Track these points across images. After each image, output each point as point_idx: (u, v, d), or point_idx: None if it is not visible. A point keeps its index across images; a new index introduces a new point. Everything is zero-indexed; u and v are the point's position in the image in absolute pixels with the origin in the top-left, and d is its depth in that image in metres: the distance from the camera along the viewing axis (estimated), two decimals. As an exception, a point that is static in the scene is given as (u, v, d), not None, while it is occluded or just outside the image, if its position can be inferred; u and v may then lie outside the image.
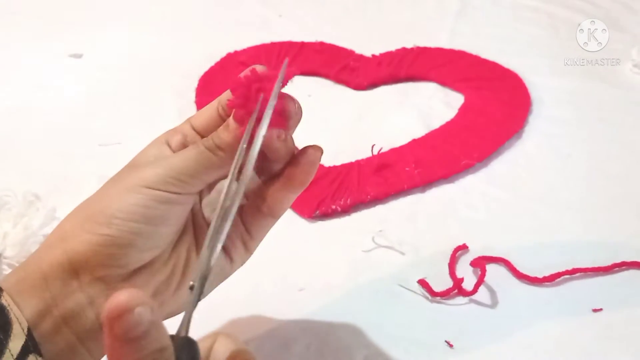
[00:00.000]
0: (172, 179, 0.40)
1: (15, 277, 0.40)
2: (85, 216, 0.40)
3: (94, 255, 0.39)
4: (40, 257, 0.40)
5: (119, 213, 0.39)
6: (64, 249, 0.39)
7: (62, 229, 0.41)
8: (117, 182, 0.42)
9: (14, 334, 0.37)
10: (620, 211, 0.64)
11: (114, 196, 0.40)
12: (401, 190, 0.66)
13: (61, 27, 0.94)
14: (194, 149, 0.41)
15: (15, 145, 0.73)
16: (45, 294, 0.39)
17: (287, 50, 0.87)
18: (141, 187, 0.40)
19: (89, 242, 0.39)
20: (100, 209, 0.40)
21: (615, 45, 0.88)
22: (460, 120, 0.75)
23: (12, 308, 0.38)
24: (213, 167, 0.41)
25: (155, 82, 0.83)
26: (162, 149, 0.43)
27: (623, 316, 0.53)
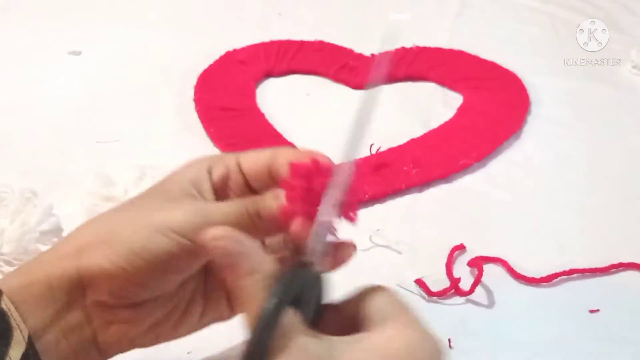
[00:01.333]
0: (199, 225, 0.38)
1: (18, 282, 0.38)
2: (106, 239, 0.39)
3: (106, 282, 0.38)
4: (49, 265, 0.39)
5: (142, 252, 0.38)
6: (77, 265, 0.38)
7: (78, 243, 0.39)
8: (145, 212, 0.40)
9: (14, 341, 0.36)
10: (618, 212, 0.64)
11: (138, 229, 0.38)
12: (399, 190, 0.66)
13: (60, 25, 0.94)
14: (234, 207, 0.39)
15: (13, 142, 0.73)
16: (51, 305, 0.38)
17: (286, 49, 0.87)
18: (170, 230, 0.38)
19: (104, 269, 0.38)
20: (123, 238, 0.38)
21: (615, 46, 0.88)
22: (459, 120, 0.75)
23: (13, 314, 0.37)
24: (246, 231, 0.39)
25: (154, 80, 0.83)
26: (202, 176, 0.41)
27: (620, 317, 0.53)
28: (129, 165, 0.64)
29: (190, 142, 0.73)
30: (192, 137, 0.74)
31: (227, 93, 0.80)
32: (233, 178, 0.42)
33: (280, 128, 0.74)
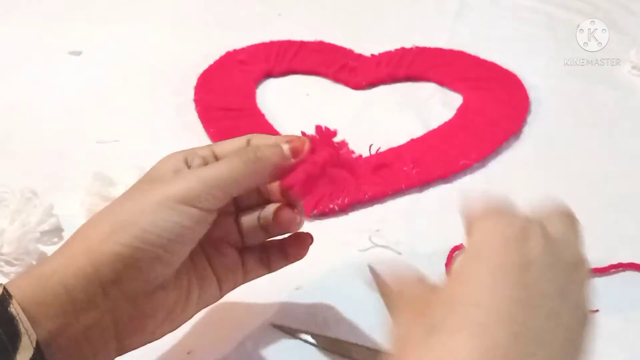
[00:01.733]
0: (205, 194, 0.40)
1: (30, 286, 0.38)
2: (112, 227, 0.39)
3: (123, 267, 0.39)
4: (61, 266, 0.39)
5: (153, 227, 0.39)
6: (90, 259, 0.39)
7: (85, 239, 0.40)
8: (143, 195, 0.41)
9: (22, 347, 0.36)
10: (617, 212, 0.64)
11: (146, 209, 0.40)
12: (399, 190, 0.66)
13: (61, 25, 0.94)
14: (227, 162, 0.42)
15: (13, 142, 0.73)
16: (67, 306, 0.38)
17: (286, 49, 0.87)
18: (175, 202, 0.40)
19: (118, 253, 0.39)
20: (130, 220, 0.39)
21: (614, 46, 0.88)
22: (459, 120, 0.75)
23: (22, 318, 0.37)
24: (245, 180, 0.42)
25: (154, 80, 0.83)
26: (181, 166, 0.43)
27: (619, 317, 0.53)
28: (129, 166, 0.64)
29: (190, 142, 0.71)
30: (192, 137, 0.74)
31: (227, 93, 0.80)
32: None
33: (280, 128, 0.74)
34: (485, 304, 0.32)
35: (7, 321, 0.36)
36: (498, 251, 0.35)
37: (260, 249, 0.48)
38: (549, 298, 0.34)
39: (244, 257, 0.47)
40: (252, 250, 0.48)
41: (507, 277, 0.33)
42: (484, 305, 0.32)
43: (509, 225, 0.36)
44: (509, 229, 0.36)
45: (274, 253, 0.48)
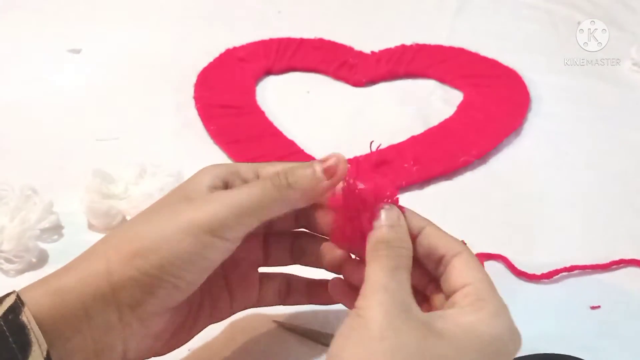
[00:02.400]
0: (233, 222, 0.39)
1: (48, 300, 0.38)
2: (135, 250, 0.38)
3: (142, 294, 0.38)
4: (80, 283, 0.38)
5: (175, 259, 0.38)
6: (110, 282, 0.38)
7: (106, 257, 0.39)
8: (170, 215, 0.40)
9: (32, 356, 0.36)
10: (618, 208, 0.64)
11: (171, 237, 0.38)
12: (399, 187, 0.66)
13: (60, 22, 0.94)
14: (258, 186, 0.40)
15: (13, 140, 0.73)
16: (84, 325, 0.38)
17: (285, 46, 0.87)
18: (200, 231, 0.38)
19: (138, 280, 0.38)
20: (153, 247, 0.38)
21: (615, 43, 0.88)
22: (459, 117, 0.75)
23: (33, 327, 0.36)
24: (277, 206, 0.41)
25: (153, 77, 0.83)
26: (218, 184, 0.42)
27: (621, 313, 0.53)
28: (129, 163, 0.64)
29: (190, 140, 0.73)
30: (192, 134, 0.74)
31: (227, 90, 0.80)
32: None
33: (280, 125, 0.74)
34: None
35: (18, 329, 0.36)
36: None
37: (281, 279, 0.48)
38: None
39: (262, 281, 0.47)
40: (272, 278, 0.47)
41: None
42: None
43: None
44: None
45: (296, 290, 0.48)
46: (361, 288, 0.37)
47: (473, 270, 0.39)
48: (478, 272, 0.39)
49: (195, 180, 0.42)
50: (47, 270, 0.57)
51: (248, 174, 0.43)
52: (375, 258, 0.38)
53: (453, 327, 0.36)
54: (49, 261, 0.58)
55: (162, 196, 0.43)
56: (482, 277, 0.39)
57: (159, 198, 0.44)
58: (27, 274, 0.57)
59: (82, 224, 0.61)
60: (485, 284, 0.38)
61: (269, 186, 0.40)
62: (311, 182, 0.41)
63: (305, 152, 0.70)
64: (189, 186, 0.42)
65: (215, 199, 0.40)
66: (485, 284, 0.38)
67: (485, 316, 0.36)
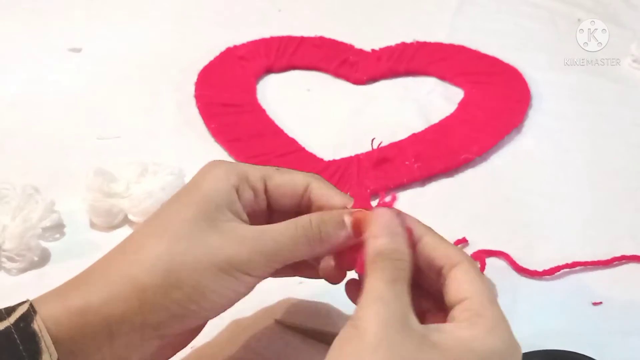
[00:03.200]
0: (264, 265, 0.40)
1: (68, 321, 0.38)
2: (173, 282, 0.39)
3: (170, 321, 0.39)
4: (107, 305, 0.38)
5: (211, 294, 0.39)
6: (141, 309, 0.38)
7: (137, 283, 0.39)
8: (202, 247, 0.40)
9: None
10: (620, 205, 0.64)
11: (205, 271, 0.39)
12: (401, 184, 0.66)
13: (60, 22, 0.94)
14: (292, 236, 0.41)
15: (15, 139, 0.73)
16: (106, 346, 0.38)
17: (286, 44, 0.87)
18: (234, 269, 0.40)
19: (171, 311, 0.39)
20: (189, 281, 0.39)
21: (615, 40, 0.88)
22: (460, 114, 0.75)
23: (44, 335, 0.36)
24: (303, 256, 0.42)
25: (154, 76, 0.83)
26: (233, 198, 0.42)
27: (623, 309, 0.53)
28: (130, 161, 0.64)
29: (191, 138, 0.73)
30: (193, 132, 0.74)
31: (228, 89, 0.80)
32: (259, 202, 0.44)
33: (281, 123, 0.74)
34: None
35: (28, 337, 0.36)
36: None
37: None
38: None
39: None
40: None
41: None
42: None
43: None
44: None
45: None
46: (359, 299, 0.37)
47: (472, 282, 0.38)
48: (477, 285, 0.38)
49: (214, 192, 0.42)
50: (48, 269, 0.58)
51: (256, 183, 0.44)
52: (373, 270, 0.38)
53: (449, 340, 0.36)
54: (51, 260, 0.59)
55: (173, 204, 0.42)
56: (481, 290, 0.38)
57: (167, 200, 0.43)
58: (29, 273, 0.57)
59: (84, 223, 0.61)
60: (483, 298, 0.38)
61: (301, 236, 0.41)
62: (342, 239, 0.42)
63: (306, 150, 0.70)
64: (207, 199, 0.41)
65: (248, 239, 0.41)
66: (483, 298, 0.38)
67: (480, 332, 0.36)
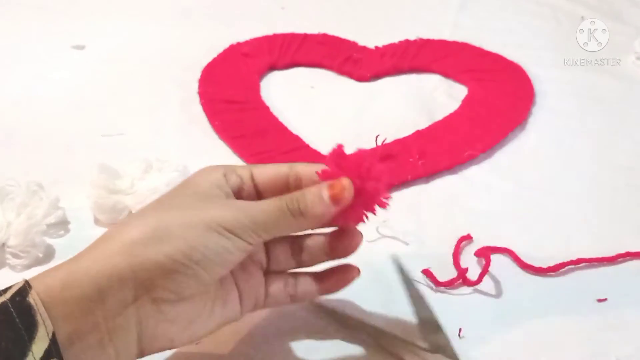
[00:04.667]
0: (251, 230, 0.42)
1: (59, 282, 0.38)
2: (158, 233, 0.40)
3: (162, 278, 0.39)
4: (95, 264, 0.39)
5: (200, 247, 0.40)
6: (130, 263, 0.39)
7: (125, 239, 0.40)
8: (192, 210, 0.42)
9: (38, 337, 0.36)
10: (624, 202, 0.64)
11: (195, 227, 0.40)
12: (405, 181, 0.66)
13: (64, 19, 0.94)
14: (276, 207, 0.43)
15: (19, 136, 0.73)
16: (98, 306, 0.38)
17: (289, 42, 0.87)
18: (223, 228, 0.41)
19: (159, 263, 0.39)
20: (178, 233, 0.40)
21: (618, 37, 0.88)
22: (464, 111, 0.75)
23: (40, 309, 0.37)
24: (289, 229, 0.44)
25: (158, 73, 0.83)
26: (223, 182, 0.44)
27: (628, 306, 0.53)
28: (135, 158, 0.64)
29: (195, 135, 0.73)
30: (197, 129, 0.74)
31: (232, 86, 0.80)
32: (246, 189, 0.46)
33: (285, 120, 0.74)
34: None
35: (24, 311, 0.37)
36: None
37: (288, 276, 0.49)
38: None
39: (268, 280, 0.48)
40: (278, 276, 0.48)
41: None
42: None
43: None
44: None
45: (304, 282, 0.49)
46: None
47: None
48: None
49: (199, 181, 0.44)
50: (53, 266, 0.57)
51: (243, 171, 0.46)
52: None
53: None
54: (56, 256, 0.59)
55: (168, 193, 0.45)
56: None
57: (164, 194, 0.45)
58: (33, 269, 0.57)
59: (89, 220, 0.61)
60: None
61: (284, 209, 0.43)
62: (321, 210, 0.43)
63: (311, 147, 0.70)
64: (195, 186, 0.44)
65: (235, 205, 0.43)
66: None
67: None
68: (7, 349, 0.36)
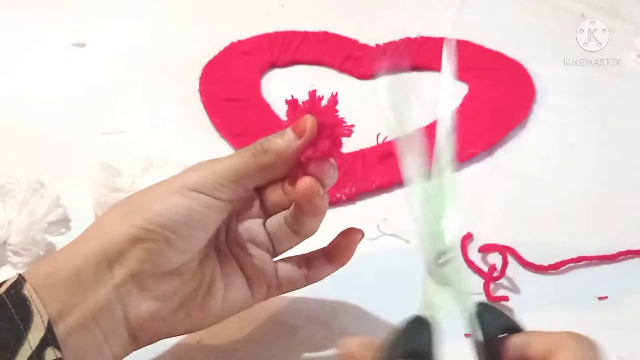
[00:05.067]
0: (215, 183, 0.42)
1: (43, 270, 0.40)
2: (125, 211, 0.41)
3: (130, 247, 0.40)
4: (73, 250, 0.41)
5: (163, 211, 0.41)
6: (99, 241, 0.40)
7: (99, 224, 0.42)
8: (161, 185, 0.43)
9: (33, 326, 0.37)
10: (625, 199, 0.64)
11: (158, 195, 0.42)
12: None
13: (64, 16, 0.94)
14: (238, 155, 0.44)
15: (20, 133, 0.73)
16: (76, 287, 0.39)
17: (290, 39, 0.87)
18: (186, 189, 0.41)
19: (127, 233, 0.40)
20: (144, 205, 0.41)
21: (619, 35, 0.87)
22: (465, 109, 0.75)
23: (34, 300, 0.38)
24: (257, 172, 0.44)
25: (158, 71, 0.83)
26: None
27: (628, 304, 0.54)
28: (135, 156, 0.64)
29: (196, 133, 0.73)
30: (197, 127, 0.74)
31: (232, 84, 0.80)
32: None
33: (285, 118, 0.74)
34: None
35: (19, 302, 0.38)
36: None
37: (298, 258, 0.48)
38: None
39: (278, 264, 0.47)
40: (288, 259, 0.48)
41: None
42: None
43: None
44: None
45: (315, 260, 0.48)
46: None
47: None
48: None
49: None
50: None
51: None
52: None
53: None
54: (57, 254, 0.59)
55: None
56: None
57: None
58: (35, 267, 0.57)
59: (89, 217, 0.61)
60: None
61: (247, 154, 0.43)
62: (283, 143, 0.44)
63: (311, 144, 0.70)
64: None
65: (201, 166, 0.43)
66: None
67: None
68: (3, 338, 0.37)
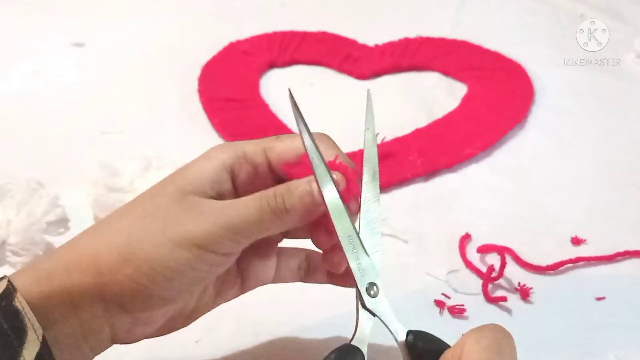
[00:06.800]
0: (228, 240, 0.38)
1: (39, 290, 0.38)
2: (126, 256, 0.38)
3: (129, 297, 0.39)
4: (69, 276, 0.38)
5: (164, 269, 0.38)
6: (98, 282, 0.38)
7: (96, 255, 0.39)
8: (163, 223, 0.39)
9: (28, 341, 0.36)
10: (623, 200, 0.64)
11: (160, 245, 0.38)
12: (404, 180, 0.66)
13: (63, 16, 0.94)
14: (256, 207, 0.39)
15: (19, 133, 0.73)
16: (71, 314, 0.38)
17: (289, 39, 0.87)
18: (192, 245, 0.38)
19: (127, 287, 0.38)
20: (142, 254, 0.38)
21: (618, 35, 0.87)
22: (464, 109, 0.75)
23: (27, 312, 0.36)
24: (272, 229, 0.40)
25: (157, 70, 0.83)
26: (223, 178, 0.41)
27: (626, 304, 0.53)
28: (134, 156, 0.64)
29: (194, 133, 0.73)
30: (196, 127, 0.74)
31: (231, 84, 0.80)
32: (261, 173, 0.42)
33: (284, 118, 0.74)
34: None
35: (12, 315, 0.36)
36: None
37: (300, 255, 0.46)
38: None
39: (280, 259, 0.46)
40: (291, 254, 0.46)
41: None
42: None
43: None
44: None
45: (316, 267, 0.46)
46: None
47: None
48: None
49: (198, 171, 0.41)
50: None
51: (256, 157, 0.42)
52: None
53: None
54: (56, 254, 0.59)
55: (150, 189, 0.42)
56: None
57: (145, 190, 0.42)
58: (33, 267, 0.57)
59: (88, 217, 0.61)
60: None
61: (266, 208, 0.38)
62: (309, 207, 0.39)
63: (310, 145, 0.70)
64: (188, 177, 0.41)
65: (211, 213, 0.39)
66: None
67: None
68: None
